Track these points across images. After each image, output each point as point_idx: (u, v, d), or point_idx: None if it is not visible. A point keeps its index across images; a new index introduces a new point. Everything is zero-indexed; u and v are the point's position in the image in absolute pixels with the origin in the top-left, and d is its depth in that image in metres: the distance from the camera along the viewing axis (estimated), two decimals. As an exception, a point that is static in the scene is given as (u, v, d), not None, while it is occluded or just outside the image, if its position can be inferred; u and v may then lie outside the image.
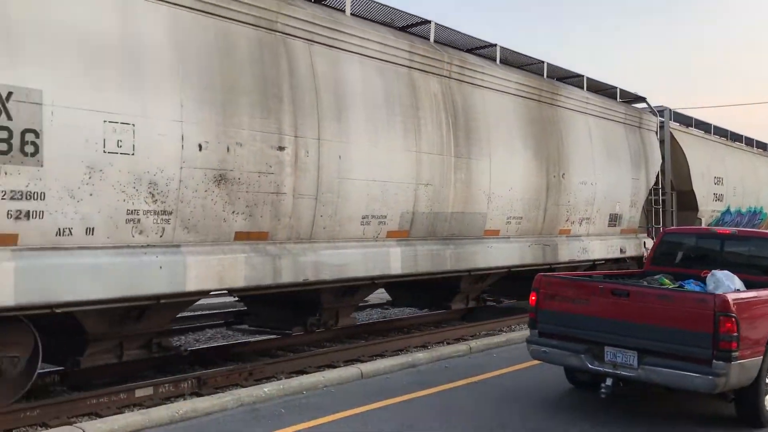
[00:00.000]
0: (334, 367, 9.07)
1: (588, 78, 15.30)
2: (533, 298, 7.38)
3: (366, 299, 12.93)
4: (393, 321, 12.92)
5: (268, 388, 7.51)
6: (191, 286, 7.43)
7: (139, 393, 7.52)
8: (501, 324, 12.75)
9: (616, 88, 16.54)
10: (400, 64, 10.15)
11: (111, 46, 6.73)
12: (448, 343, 10.90)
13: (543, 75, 13.85)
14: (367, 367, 8.65)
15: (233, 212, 7.85)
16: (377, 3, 10.31)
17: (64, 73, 6.34)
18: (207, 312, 12.96)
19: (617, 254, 15.71)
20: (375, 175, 9.48)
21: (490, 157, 11.53)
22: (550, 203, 13.13)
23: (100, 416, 6.89)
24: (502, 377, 8.55)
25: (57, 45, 6.32)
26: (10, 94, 5.97)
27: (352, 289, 9.99)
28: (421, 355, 9.41)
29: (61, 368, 7.86)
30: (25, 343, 6.66)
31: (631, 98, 17.46)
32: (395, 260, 9.90)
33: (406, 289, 12.36)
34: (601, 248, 15.07)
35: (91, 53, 6.56)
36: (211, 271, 7.61)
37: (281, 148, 8.26)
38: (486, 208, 11.53)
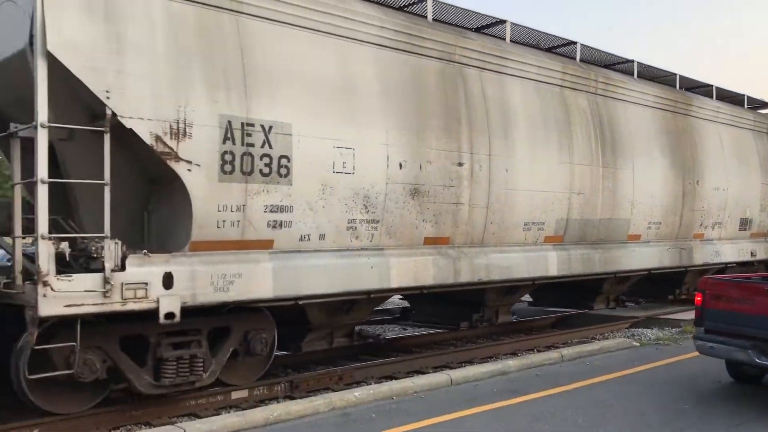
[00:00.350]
0: (423, 373, 9.19)
1: (717, 87, 15.77)
2: (699, 298, 8.19)
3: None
4: (482, 328, 12.33)
5: (358, 393, 7.60)
6: (394, 284, 8.72)
7: (235, 395, 7.87)
8: (593, 331, 12.49)
9: (744, 95, 16.88)
10: (554, 84, 11.15)
11: (336, 85, 8.10)
12: (539, 351, 10.79)
13: (675, 86, 14.49)
14: (457, 373, 8.62)
15: (423, 220, 9.09)
16: (531, 29, 11.36)
17: (305, 109, 7.75)
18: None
19: (747, 257, 16.07)
20: (535, 186, 10.53)
21: (633, 167, 12.34)
22: (686, 209, 13.77)
23: (199, 417, 7.25)
24: (595, 386, 8.28)
25: (300, 87, 7.73)
26: (270, 128, 7.42)
27: (513, 289, 11.07)
28: (511, 363, 9.29)
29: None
30: (269, 330, 8.10)
31: (758, 104, 17.72)
32: (552, 263, 10.91)
33: (548, 290, 13.29)
34: (732, 251, 15.51)
35: (323, 92, 7.95)
36: (408, 270, 8.87)
37: (460, 164, 9.45)
38: (629, 214, 12.35)
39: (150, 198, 7.51)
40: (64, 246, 6.35)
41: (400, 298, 12.49)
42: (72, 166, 6.97)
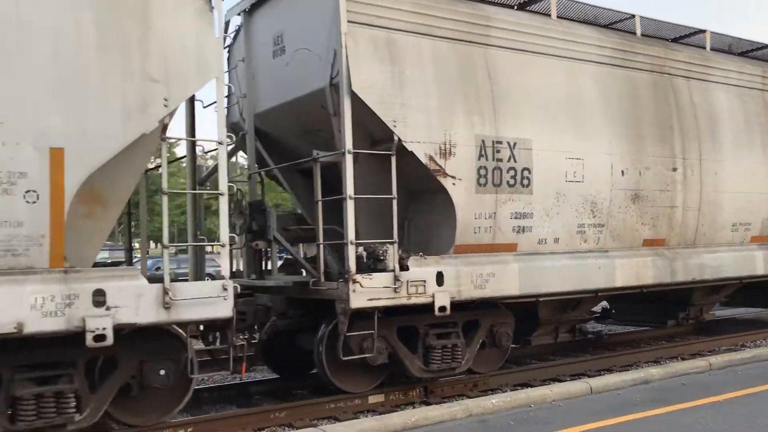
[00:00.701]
0: (560, 380, 9.10)
1: None
2: None
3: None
4: (620, 335, 12.45)
5: (495, 400, 7.55)
6: (618, 283, 9.43)
7: (372, 400, 8.10)
8: (744, 338, 11.88)
9: None
10: (755, 88, 11.44)
11: (566, 102, 8.98)
12: (683, 359, 10.37)
13: None
14: (596, 381, 8.38)
15: (642, 223, 9.74)
16: (725, 35, 11.71)
17: (542, 126, 8.68)
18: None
19: None
20: (740, 188, 10.87)
21: (835, 165, 12.29)
22: None
23: (338, 420, 7.49)
24: (750, 397, 7.69)
25: (537, 106, 8.68)
26: (515, 144, 8.41)
27: (717, 288, 11.42)
28: (654, 371, 8.91)
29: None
30: (510, 324, 9.05)
31: None
32: (759, 262, 11.17)
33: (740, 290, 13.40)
34: None
35: (556, 109, 8.85)
36: (630, 270, 9.55)
37: (674, 170, 10.02)
38: (831, 213, 12.30)
39: (408, 208, 8.68)
40: (361, 250, 7.63)
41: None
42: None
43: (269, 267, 9.08)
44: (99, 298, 5.92)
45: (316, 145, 8.25)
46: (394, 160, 7.62)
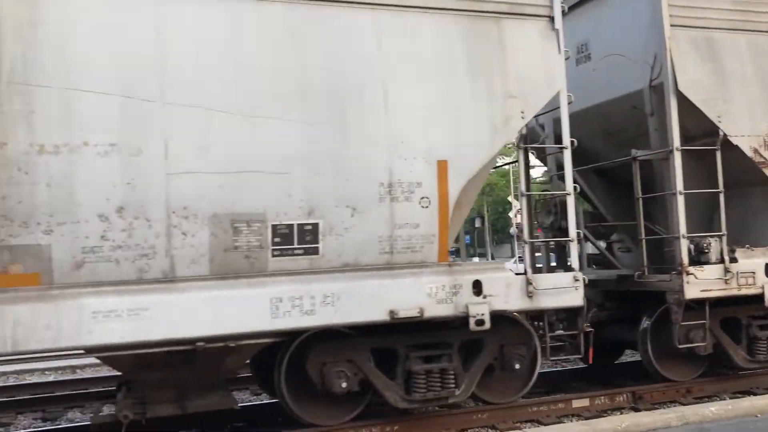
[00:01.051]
0: None
1: None
2: None
3: None
4: None
5: (714, 408, 7.16)
6: None
7: (576, 404, 7.91)
8: None
9: None
10: None
11: None
12: None
13: None
14: None
15: None
16: None
17: None
18: None
19: None
20: None
21: None
22: None
23: (542, 424, 7.41)
24: None
25: None
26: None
27: None
28: None
29: None
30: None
31: None
32: None
33: None
34: None
35: None
36: None
37: None
38: None
39: (716, 201, 8.78)
40: (688, 243, 7.94)
41: None
42: (664, 179, 8.55)
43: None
44: (476, 288, 6.85)
45: (615, 146, 8.73)
46: (719, 154, 7.85)
